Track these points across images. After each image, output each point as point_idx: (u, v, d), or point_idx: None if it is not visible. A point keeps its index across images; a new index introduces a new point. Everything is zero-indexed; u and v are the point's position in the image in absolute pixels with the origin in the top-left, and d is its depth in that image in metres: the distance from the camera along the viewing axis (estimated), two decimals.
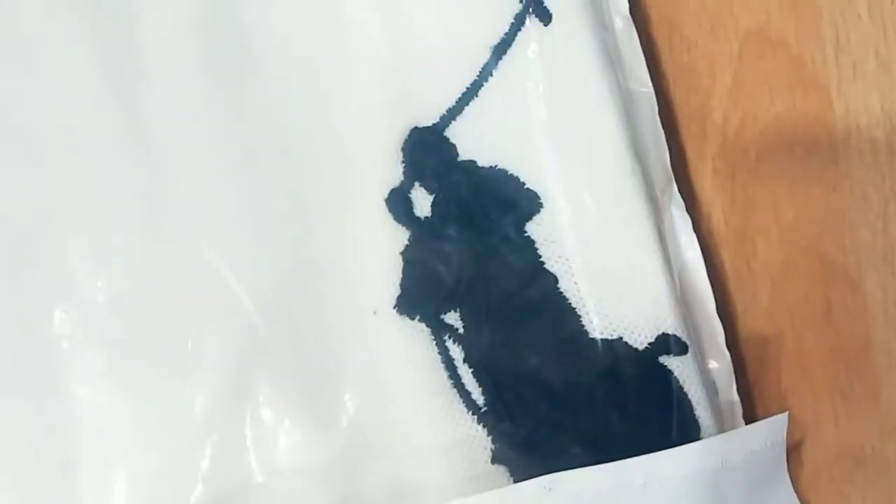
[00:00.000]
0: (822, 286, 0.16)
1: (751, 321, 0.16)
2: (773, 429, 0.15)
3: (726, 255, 0.16)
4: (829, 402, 0.16)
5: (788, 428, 0.15)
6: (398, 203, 0.14)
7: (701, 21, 0.16)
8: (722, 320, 0.16)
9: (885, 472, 0.17)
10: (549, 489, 0.14)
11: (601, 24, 0.15)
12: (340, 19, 0.15)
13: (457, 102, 0.15)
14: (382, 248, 0.14)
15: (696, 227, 0.15)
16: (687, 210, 0.15)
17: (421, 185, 0.14)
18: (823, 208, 0.16)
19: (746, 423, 0.16)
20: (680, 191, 0.15)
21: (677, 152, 0.16)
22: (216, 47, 0.14)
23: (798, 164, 0.16)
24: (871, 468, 0.17)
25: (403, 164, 0.15)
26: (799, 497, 0.16)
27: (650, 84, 0.15)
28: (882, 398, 0.17)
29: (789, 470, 0.16)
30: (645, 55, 0.15)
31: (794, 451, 0.16)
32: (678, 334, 0.15)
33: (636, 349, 0.14)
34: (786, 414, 0.16)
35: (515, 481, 0.14)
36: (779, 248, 0.16)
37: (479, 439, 0.14)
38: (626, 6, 0.15)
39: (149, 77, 0.14)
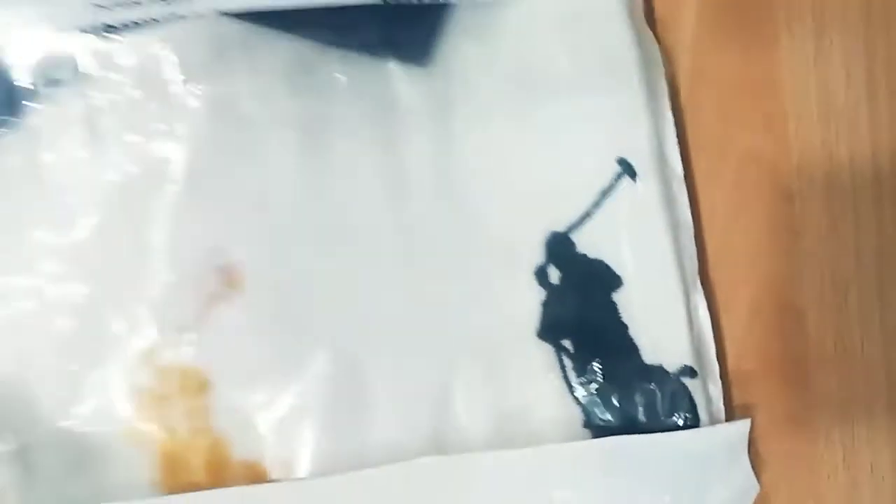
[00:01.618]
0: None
1: (735, 361, 0.27)
2: (739, 427, 0.26)
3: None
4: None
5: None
6: (541, 275, 0.25)
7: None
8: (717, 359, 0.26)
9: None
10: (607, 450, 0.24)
11: (666, 181, 0.25)
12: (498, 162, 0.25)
13: (578, 219, 0.25)
14: (530, 301, 0.25)
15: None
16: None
17: (554, 265, 0.25)
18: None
19: None
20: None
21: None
22: (444, 176, 0.25)
23: None
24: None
25: (545, 252, 0.25)
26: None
27: (690, 217, 0.26)
28: None
29: (750, 459, 0.26)
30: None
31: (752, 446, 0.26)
32: (693, 366, 0.25)
33: (669, 372, 0.25)
34: (748, 420, 0.26)
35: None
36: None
37: (575, 413, 0.24)
38: (681, 171, 0.26)
39: (407, 188, 0.25)
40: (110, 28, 0.23)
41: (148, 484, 0.23)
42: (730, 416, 0.26)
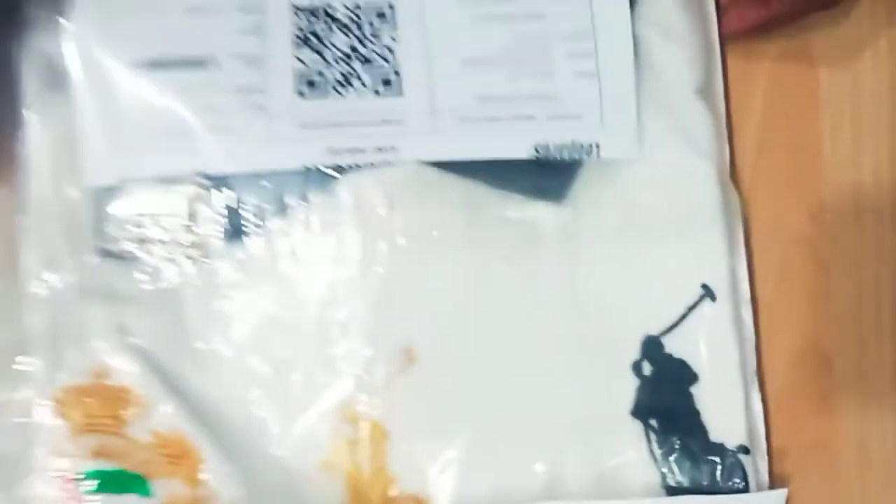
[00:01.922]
0: None
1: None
2: (779, 494, 0.33)
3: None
4: None
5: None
6: (637, 368, 0.32)
7: None
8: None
9: None
10: None
11: (736, 304, 0.33)
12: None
13: (668, 327, 0.33)
14: (628, 388, 0.32)
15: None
16: None
17: (647, 361, 0.33)
18: None
19: None
20: None
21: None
22: (570, 289, 0.32)
23: None
24: None
25: (641, 351, 0.33)
26: None
27: (753, 332, 0.34)
28: None
29: None
30: None
31: None
32: (747, 445, 0.32)
33: (729, 449, 0.32)
34: (785, 490, 0.34)
35: None
36: None
37: (656, 476, 0.32)
38: (749, 296, 0.33)
39: (543, 297, 0.32)
40: (336, 168, 0.31)
41: None
42: (771, 485, 0.33)
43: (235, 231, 0.31)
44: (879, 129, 0.35)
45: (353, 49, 0.31)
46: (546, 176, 0.32)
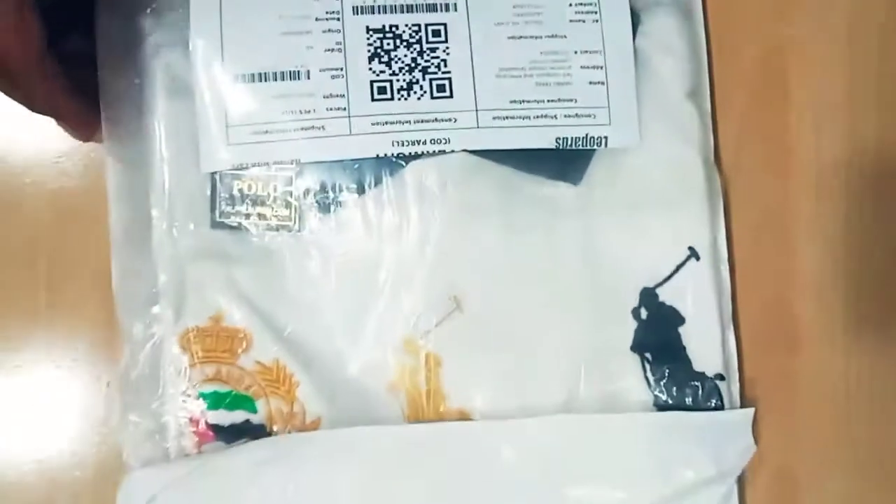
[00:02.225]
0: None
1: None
2: (747, 412, 0.41)
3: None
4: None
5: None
6: (636, 313, 0.41)
7: None
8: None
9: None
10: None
11: (716, 263, 0.41)
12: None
13: (661, 280, 0.41)
14: (629, 328, 0.41)
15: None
16: None
17: (644, 307, 0.41)
18: None
19: None
20: None
21: None
22: (583, 250, 0.41)
23: None
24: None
25: (639, 299, 0.41)
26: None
27: (729, 285, 0.42)
28: None
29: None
30: None
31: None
32: (722, 373, 0.41)
33: (709, 377, 0.41)
34: (752, 409, 0.42)
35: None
36: None
37: (650, 397, 0.40)
38: (726, 256, 0.42)
39: (562, 255, 0.41)
40: (400, 157, 0.39)
41: (399, 417, 0.40)
42: (742, 406, 0.42)
43: (322, 206, 0.39)
44: (836, 121, 0.43)
45: (414, 61, 0.39)
46: (565, 162, 0.40)
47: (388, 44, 0.40)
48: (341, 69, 0.39)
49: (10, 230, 0.42)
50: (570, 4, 0.40)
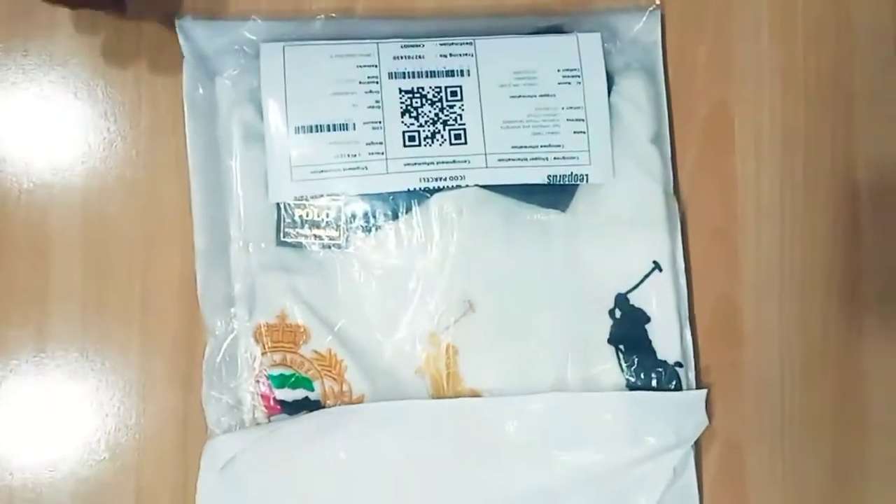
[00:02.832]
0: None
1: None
2: (701, 393, 0.51)
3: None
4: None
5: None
6: (612, 313, 0.51)
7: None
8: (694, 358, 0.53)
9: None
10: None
11: (676, 273, 0.51)
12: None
13: (632, 287, 0.51)
14: (605, 325, 0.51)
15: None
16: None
17: (618, 309, 0.51)
18: None
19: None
20: None
21: None
22: (568, 260, 0.51)
23: None
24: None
25: (614, 302, 0.51)
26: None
27: (686, 291, 0.52)
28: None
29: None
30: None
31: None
32: (681, 361, 0.51)
33: (670, 364, 0.51)
34: (705, 390, 0.52)
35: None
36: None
37: (623, 381, 0.50)
38: (683, 267, 0.52)
39: (550, 265, 0.51)
40: (425, 190, 0.50)
41: (424, 395, 0.50)
42: (698, 387, 0.52)
43: (364, 228, 0.50)
44: (772, 157, 0.54)
45: (437, 116, 0.50)
46: (555, 194, 0.50)
47: (416, 102, 0.50)
48: (380, 122, 0.50)
49: (110, 249, 0.52)
50: (559, 70, 0.51)
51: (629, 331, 0.51)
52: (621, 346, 0.51)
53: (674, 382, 0.51)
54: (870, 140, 0.54)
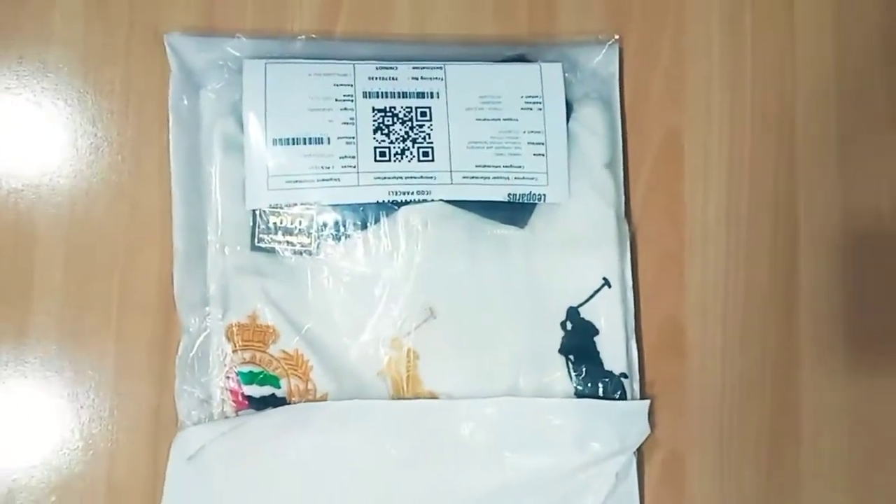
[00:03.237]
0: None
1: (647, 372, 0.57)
2: (644, 403, 0.54)
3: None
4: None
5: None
6: (563, 325, 0.54)
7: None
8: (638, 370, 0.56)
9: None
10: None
11: (624, 288, 0.55)
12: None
13: (583, 301, 0.54)
14: (557, 336, 0.54)
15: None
16: None
17: (570, 321, 0.55)
18: None
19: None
20: None
21: None
22: (525, 273, 0.55)
23: None
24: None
25: (566, 315, 0.54)
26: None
27: (633, 305, 0.56)
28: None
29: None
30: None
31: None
32: (626, 372, 0.54)
33: (616, 374, 0.54)
34: (648, 401, 0.56)
35: None
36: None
37: (571, 389, 0.53)
38: (631, 284, 0.56)
39: (508, 277, 0.55)
40: (393, 203, 0.53)
41: (385, 395, 0.53)
42: (642, 397, 0.55)
43: (334, 237, 0.53)
44: (719, 184, 0.58)
45: (407, 134, 0.53)
46: (514, 211, 0.53)
47: (388, 120, 0.54)
48: (353, 137, 0.53)
49: (93, 249, 0.55)
50: (522, 96, 0.55)
51: (579, 342, 0.54)
52: (571, 357, 0.54)
53: (619, 392, 0.54)
54: (810, 174, 0.58)
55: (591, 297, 0.54)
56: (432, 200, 0.53)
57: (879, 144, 0.58)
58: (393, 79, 0.54)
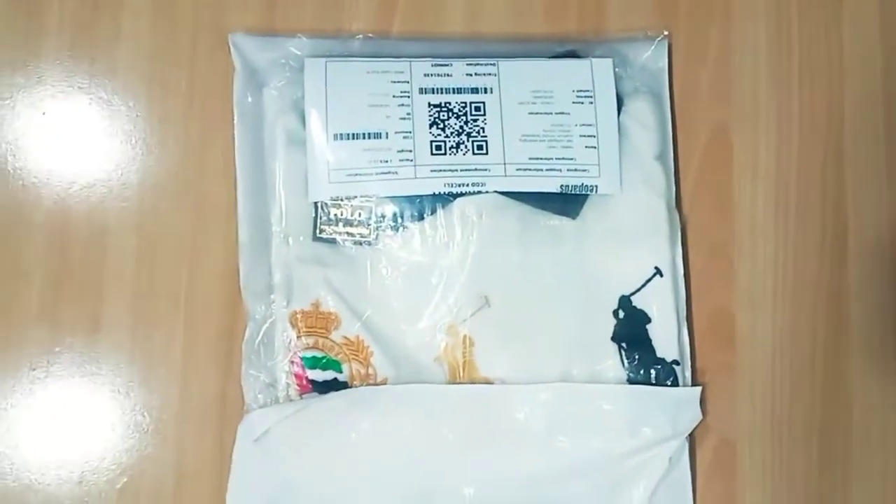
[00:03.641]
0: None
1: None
2: (696, 390, 0.56)
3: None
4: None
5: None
6: (616, 313, 0.56)
7: None
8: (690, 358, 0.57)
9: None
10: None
11: (675, 278, 0.56)
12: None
13: (635, 290, 0.55)
14: (609, 324, 0.55)
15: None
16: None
17: (622, 309, 0.56)
18: None
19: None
20: None
21: None
22: (576, 262, 0.56)
23: None
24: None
25: (618, 303, 0.56)
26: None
27: (684, 294, 0.57)
28: None
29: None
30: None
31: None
32: (678, 360, 0.55)
33: (668, 361, 0.56)
34: (700, 387, 0.57)
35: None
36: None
37: (624, 376, 0.55)
38: (682, 273, 0.57)
39: (560, 266, 0.56)
40: (449, 194, 0.55)
41: (442, 380, 0.54)
42: (693, 385, 0.56)
43: (393, 228, 0.55)
44: (767, 178, 0.59)
45: (461, 128, 0.55)
46: (567, 202, 0.54)
47: (444, 115, 0.56)
48: (410, 132, 0.55)
49: (161, 241, 0.57)
50: (573, 91, 0.56)
51: (631, 330, 0.55)
52: (623, 344, 0.55)
53: (671, 379, 0.55)
54: (857, 171, 0.59)
55: (643, 286, 0.56)
56: (487, 192, 0.54)
57: None
58: (448, 75, 0.56)
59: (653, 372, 0.55)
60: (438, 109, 0.55)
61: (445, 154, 0.55)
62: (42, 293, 0.56)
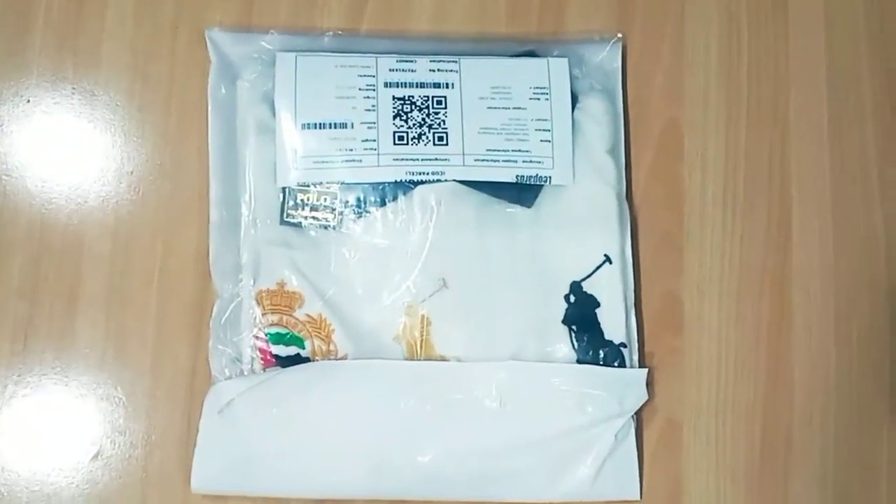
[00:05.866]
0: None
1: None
2: (642, 372, 0.59)
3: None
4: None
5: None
6: (567, 298, 0.58)
7: None
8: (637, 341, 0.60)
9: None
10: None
11: (624, 265, 0.59)
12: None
13: (585, 276, 0.58)
14: (561, 308, 0.58)
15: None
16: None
17: (573, 294, 0.59)
18: None
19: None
20: None
21: None
22: (531, 250, 0.59)
23: None
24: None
25: (569, 288, 0.59)
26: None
27: (633, 281, 0.60)
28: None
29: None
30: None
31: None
32: (625, 342, 0.58)
33: (615, 344, 0.58)
34: (646, 370, 0.60)
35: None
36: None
37: (573, 356, 0.57)
38: (631, 261, 0.60)
39: (514, 253, 0.60)
40: (410, 182, 0.58)
41: (400, 358, 0.57)
42: (641, 367, 0.59)
43: (356, 213, 0.58)
44: (716, 171, 0.62)
45: (423, 120, 0.58)
46: (522, 192, 0.57)
47: (407, 108, 0.59)
48: (374, 123, 0.58)
49: (138, 223, 0.60)
50: (530, 87, 0.59)
51: (581, 313, 0.58)
52: (574, 327, 0.58)
53: (618, 360, 0.58)
54: (802, 168, 0.62)
55: (594, 272, 0.59)
56: (446, 181, 0.57)
57: (866, 132, 0.62)
58: (412, 70, 0.59)
59: (601, 353, 0.58)
60: (402, 102, 0.58)
61: (408, 144, 0.58)
62: (22, 269, 0.59)
